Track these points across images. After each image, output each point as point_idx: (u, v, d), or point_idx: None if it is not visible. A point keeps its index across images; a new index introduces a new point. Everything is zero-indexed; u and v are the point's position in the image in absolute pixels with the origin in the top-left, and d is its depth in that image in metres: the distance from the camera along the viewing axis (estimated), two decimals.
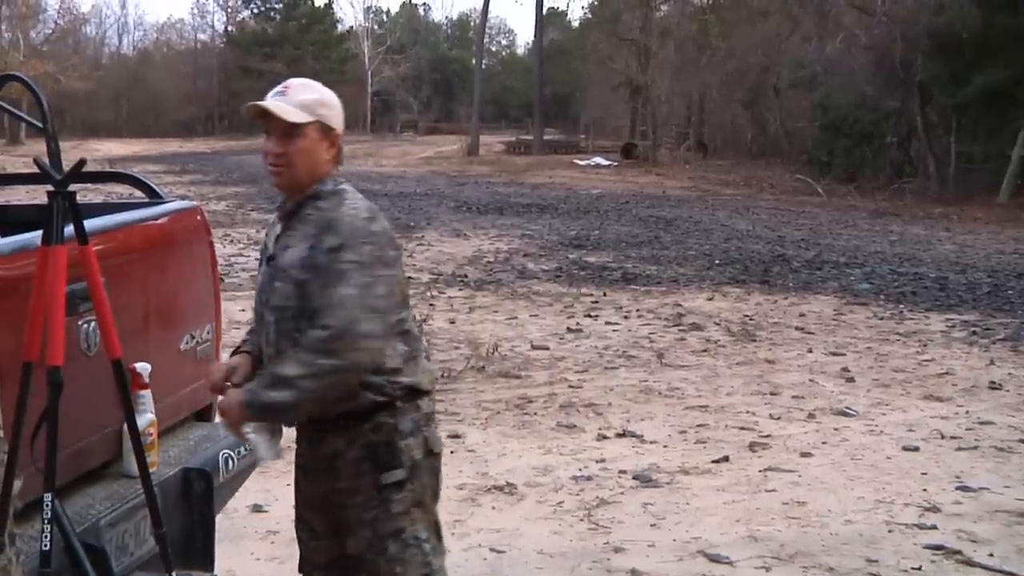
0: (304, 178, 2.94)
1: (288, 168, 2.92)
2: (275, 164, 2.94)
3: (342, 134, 3.02)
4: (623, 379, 8.43)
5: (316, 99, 2.96)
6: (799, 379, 8.57)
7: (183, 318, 3.97)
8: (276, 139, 2.93)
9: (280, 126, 2.91)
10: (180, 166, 36.95)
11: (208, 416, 4.23)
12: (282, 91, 2.97)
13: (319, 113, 2.94)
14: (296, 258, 2.88)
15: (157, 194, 4.40)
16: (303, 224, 2.92)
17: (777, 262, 15.28)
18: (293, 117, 2.89)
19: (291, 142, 2.91)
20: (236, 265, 13.90)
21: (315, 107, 2.94)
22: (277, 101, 2.93)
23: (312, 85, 3.01)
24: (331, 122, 2.97)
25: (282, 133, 2.91)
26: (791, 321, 11.02)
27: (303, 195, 2.96)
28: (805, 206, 26.05)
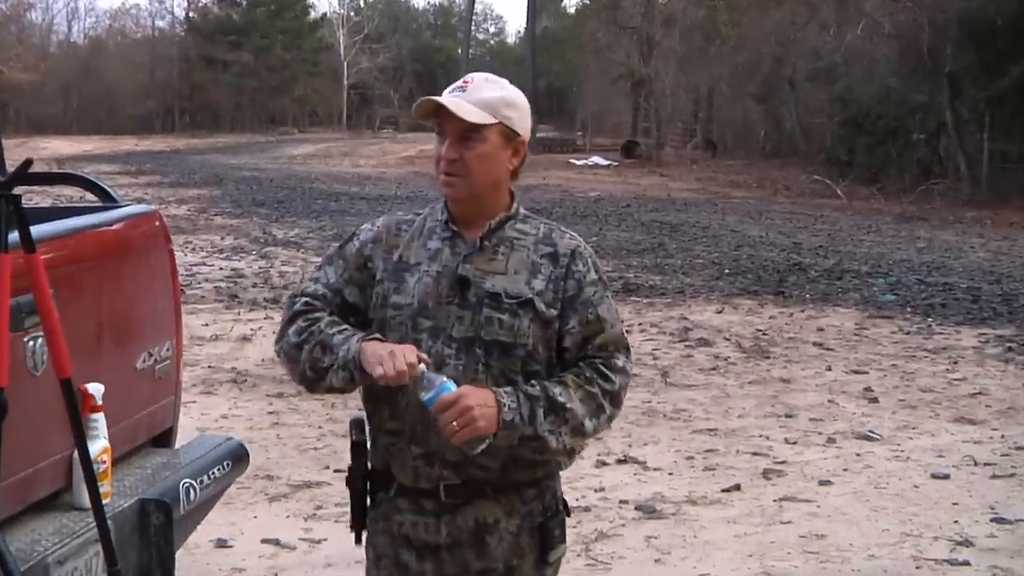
0: (484, 189, 2.74)
1: (464, 177, 2.71)
2: (449, 172, 2.72)
3: (527, 142, 2.82)
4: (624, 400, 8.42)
5: (501, 98, 2.74)
6: (817, 400, 8.58)
7: (140, 334, 3.96)
8: (451, 142, 2.71)
9: (457, 127, 2.69)
10: (136, 166, 36.91)
11: (168, 441, 4.22)
12: (462, 86, 2.75)
13: (504, 114, 2.73)
14: (526, 289, 2.70)
15: (111, 197, 4.40)
16: (512, 249, 2.74)
17: (793, 271, 15.30)
18: (472, 117, 2.68)
19: (468, 146, 2.70)
20: (199, 275, 13.88)
21: (499, 107, 2.72)
22: (455, 98, 2.71)
23: (497, 82, 2.79)
24: (516, 126, 2.76)
25: (459, 135, 2.70)
26: (808, 336, 11.04)
27: (493, 212, 2.77)
28: (823, 210, 26.10)
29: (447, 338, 2.68)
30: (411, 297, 2.73)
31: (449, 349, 2.68)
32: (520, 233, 2.77)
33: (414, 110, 2.72)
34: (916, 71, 30.82)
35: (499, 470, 2.68)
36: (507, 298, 2.68)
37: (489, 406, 2.55)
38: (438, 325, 2.69)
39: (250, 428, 7.47)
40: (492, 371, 2.66)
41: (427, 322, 2.70)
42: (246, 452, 4.30)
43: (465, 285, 2.70)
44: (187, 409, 6.87)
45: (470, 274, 2.70)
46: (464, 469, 2.68)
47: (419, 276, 2.74)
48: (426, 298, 2.71)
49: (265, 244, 17.34)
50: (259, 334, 10.46)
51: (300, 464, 6.80)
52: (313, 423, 7.64)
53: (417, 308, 2.71)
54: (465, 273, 2.71)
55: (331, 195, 26.89)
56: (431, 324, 2.70)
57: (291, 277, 13.71)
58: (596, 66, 52.17)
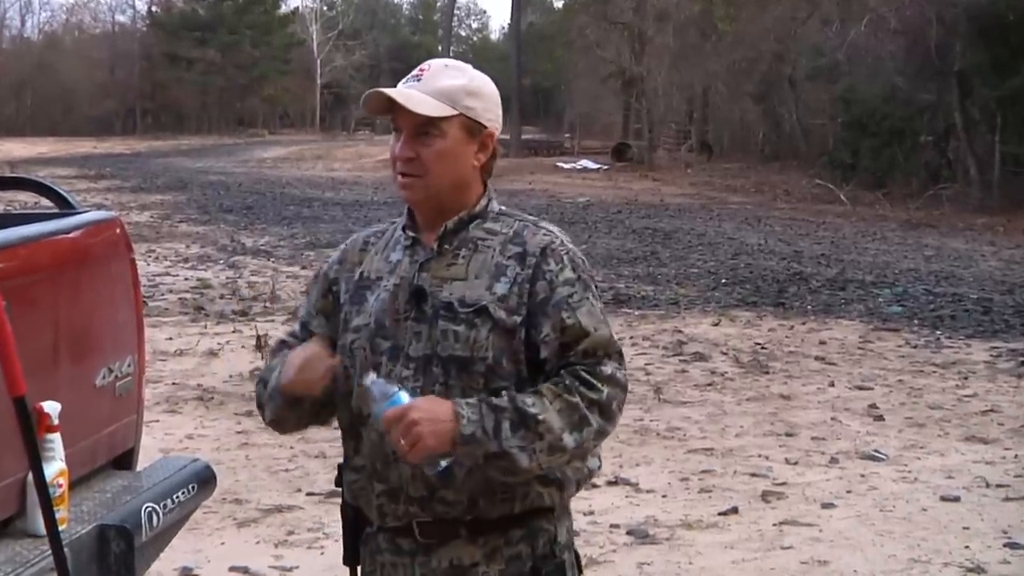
0: (445, 190, 2.59)
1: (422, 177, 2.57)
2: (405, 172, 2.58)
3: (497, 134, 2.66)
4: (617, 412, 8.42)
5: (461, 86, 2.59)
6: (819, 417, 8.60)
7: (99, 349, 3.95)
8: (406, 138, 2.58)
9: (411, 121, 2.56)
10: (95, 170, 36.83)
11: (129, 463, 4.21)
12: (417, 75, 2.61)
13: (465, 105, 2.58)
14: (486, 295, 2.54)
15: (68, 203, 4.39)
16: (475, 251, 2.59)
17: (793, 281, 15.33)
18: (425, 108, 2.54)
19: (425, 142, 2.56)
20: (162, 286, 13.86)
21: (459, 97, 2.58)
22: (408, 88, 2.58)
23: (459, 68, 2.64)
24: (481, 117, 2.61)
25: (414, 131, 2.57)
26: (810, 350, 11.06)
27: (457, 214, 2.62)
28: (826, 216, 26.17)
29: (405, 358, 2.56)
30: (368, 316, 2.63)
31: (407, 370, 2.55)
32: (487, 233, 2.62)
33: (362, 103, 2.61)
34: (924, 69, 30.92)
35: (467, 504, 2.53)
36: (461, 307, 2.53)
37: (443, 420, 2.41)
38: (397, 344, 2.58)
39: (217, 449, 7.45)
40: (452, 391, 2.50)
41: (385, 343, 2.59)
42: (213, 474, 4.29)
43: (422, 297, 2.57)
44: (150, 429, 6.85)
45: (427, 284, 2.57)
46: (430, 505, 2.55)
47: (378, 292, 2.64)
48: (383, 315, 2.61)
49: (233, 253, 17.32)
50: (227, 348, 10.44)
51: (270, 487, 6.78)
52: (284, 443, 7.62)
53: (374, 328, 2.61)
54: (422, 283, 2.58)
55: (303, 201, 26.87)
56: (390, 344, 2.58)
57: (260, 288, 13.70)
58: (585, 64, 52.22)
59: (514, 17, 53.54)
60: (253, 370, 9.56)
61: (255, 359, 9.87)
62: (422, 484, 2.52)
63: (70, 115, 67.10)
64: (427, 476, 2.50)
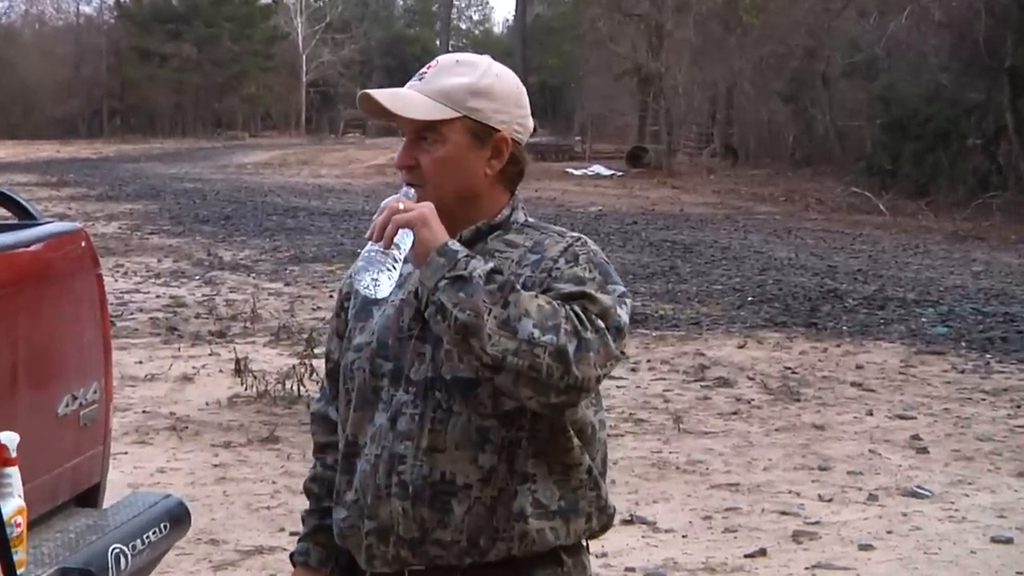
0: (450, 201, 2.55)
1: (426, 187, 2.55)
2: (408, 182, 2.57)
3: (515, 136, 2.62)
4: (630, 450, 8.43)
5: (466, 85, 2.56)
6: (856, 450, 8.59)
7: (62, 373, 3.95)
8: (406, 144, 2.58)
9: (410, 126, 2.56)
10: (58, 176, 36.89)
11: (94, 499, 4.21)
12: (423, 73, 2.60)
13: (469, 106, 2.55)
14: None
15: (28, 213, 4.40)
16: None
17: (827, 299, 15.33)
18: (416, 112, 2.54)
19: (425, 148, 2.56)
20: (131, 304, 13.87)
21: (461, 97, 2.55)
22: (409, 88, 2.59)
23: (471, 64, 2.61)
24: (491, 120, 2.57)
25: (414, 136, 2.57)
26: (845, 375, 11.05)
27: (474, 225, 2.60)
28: (863, 227, 26.17)
29: (406, 382, 2.55)
30: (371, 335, 2.62)
31: (406, 395, 2.54)
32: (506, 245, 2.60)
33: (357, 104, 2.60)
34: (971, 66, 30.93)
35: (465, 546, 2.51)
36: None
37: (440, 226, 2.43)
38: (399, 366, 2.56)
39: (192, 484, 7.45)
40: (457, 418, 2.49)
41: (387, 364, 2.58)
42: (187, 512, 4.29)
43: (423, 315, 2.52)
44: (117, 462, 6.85)
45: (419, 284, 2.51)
46: (423, 548, 2.53)
47: (384, 308, 2.62)
48: (386, 334, 2.59)
49: (210, 268, 17.33)
50: (202, 373, 10.44)
51: (250, 526, 6.78)
52: (266, 477, 7.62)
53: (376, 347, 2.60)
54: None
55: (287, 210, 26.89)
56: (392, 366, 2.57)
57: (240, 306, 13.70)
58: (597, 60, 52.27)
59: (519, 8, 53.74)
60: (231, 397, 9.57)
61: (233, 384, 9.87)
62: (414, 524, 2.52)
63: (30, 116, 67.18)
64: (420, 514, 2.50)
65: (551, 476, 2.55)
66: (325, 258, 18.39)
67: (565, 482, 2.56)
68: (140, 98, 71.53)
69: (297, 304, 14.21)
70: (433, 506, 2.51)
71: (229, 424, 8.86)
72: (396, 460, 2.54)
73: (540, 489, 2.53)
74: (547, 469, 2.54)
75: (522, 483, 2.52)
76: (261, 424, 8.83)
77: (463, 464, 2.51)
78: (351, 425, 2.63)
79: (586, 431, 2.59)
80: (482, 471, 2.51)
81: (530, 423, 2.51)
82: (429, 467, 2.51)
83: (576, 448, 2.57)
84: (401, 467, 2.53)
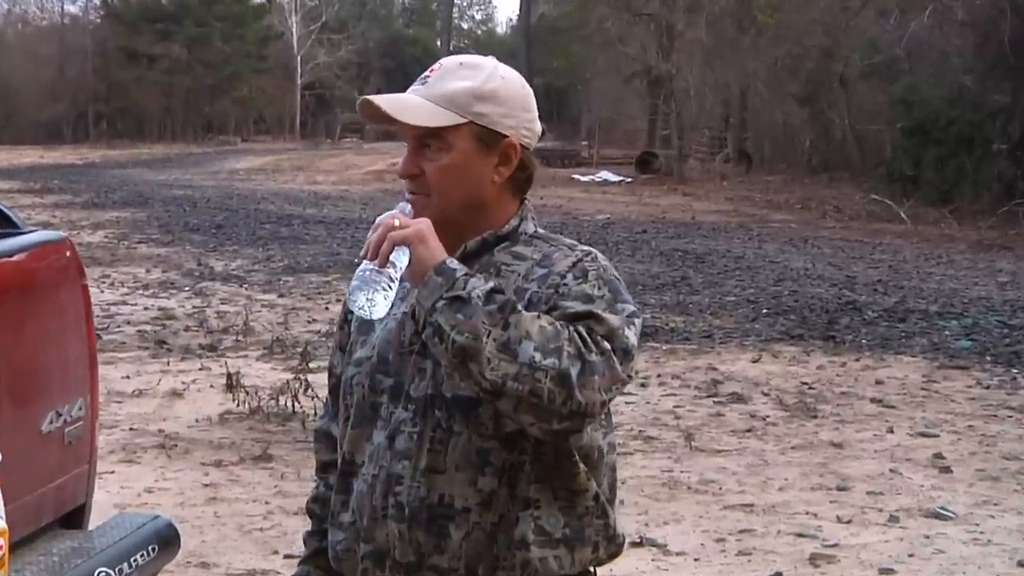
0: (456, 211, 2.56)
1: (431, 196, 2.55)
2: (412, 191, 2.57)
3: (523, 142, 2.62)
4: (640, 469, 8.42)
5: (469, 89, 2.56)
6: (876, 469, 8.58)
7: (46, 389, 3.96)
8: (409, 151, 2.58)
9: (411, 133, 2.55)
10: (41, 183, 36.92)
11: (79, 521, 4.21)
12: (425, 76, 2.59)
13: (475, 111, 2.54)
14: None
15: (11, 221, 4.40)
16: (496, 278, 2.52)
17: (846, 311, 15.32)
18: (418, 119, 2.53)
19: (428, 156, 2.55)
20: (118, 317, 13.87)
21: (466, 102, 2.54)
22: (412, 93, 2.58)
23: (475, 67, 2.61)
24: (498, 125, 2.57)
25: (417, 143, 2.56)
26: (865, 391, 11.04)
27: (480, 236, 2.59)
28: (883, 236, 26.17)
29: (406, 398, 2.54)
30: (372, 349, 2.62)
31: (406, 412, 2.54)
32: (513, 258, 2.59)
33: (357, 110, 2.59)
34: (996, 67, 30.93)
35: (462, 574, 2.51)
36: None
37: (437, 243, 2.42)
38: (399, 382, 2.56)
39: (181, 504, 7.45)
40: (457, 438, 2.49)
41: (387, 380, 2.58)
42: (176, 534, 4.29)
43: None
44: (103, 481, 6.85)
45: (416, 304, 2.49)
46: (419, 575, 2.53)
47: (386, 321, 2.60)
48: (387, 348, 2.59)
49: (200, 278, 17.34)
50: (192, 388, 10.44)
51: (242, 548, 6.78)
52: (259, 497, 7.62)
53: (376, 362, 2.60)
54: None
55: (281, 218, 26.91)
56: (392, 382, 2.57)
57: (232, 319, 13.71)
58: (605, 61, 52.35)
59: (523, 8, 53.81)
60: (223, 413, 9.57)
61: (225, 400, 9.87)
62: (411, 548, 2.52)
63: (12, 120, 67.26)
64: (417, 538, 2.50)
65: (555, 502, 2.53)
66: (321, 268, 18.39)
67: (570, 509, 2.55)
68: (127, 101, 71.67)
69: (291, 316, 14.21)
70: (430, 530, 2.51)
71: (220, 442, 8.86)
72: (393, 480, 2.53)
73: (544, 516, 2.52)
74: (551, 495, 2.53)
75: (524, 509, 2.51)
76: (254, 442, 8.82)
77: (462, 487, 2.50)
78: (348, 443, 2.63)
79: (593, 455, 2.58)
80: (482, 495, 2.50)
81: (533, 446, 2.49)
82: (427, 489, 2.50)
83: (582, 473, 2.55)
84: (398, 488, 2.53)
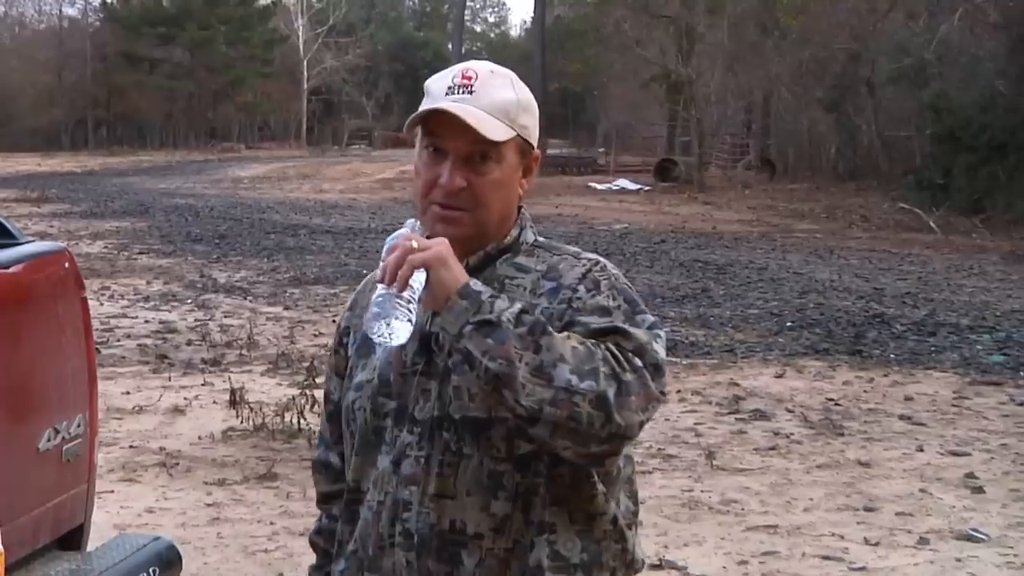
0: (493, 225, 2.56)
1: (473, 211, 2.51)
2: (450, 205, 2.51)
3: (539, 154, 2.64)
4: (659, 488, 8.41)
5: (516, 101, 2.55)
6: (905, 489, 8.56)
7: (43, 405, 3.96)
8: (457, 165, 2.50)
9: (466, 145, 2.50)
10: (39, 192, 36.98)
11: (78, 542, 4.21)
12: (465, 84, 2.52)
13: (520, 124, 2.55)
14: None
15: (7, 232, 4.41)
16: (501, 292, 2.47)
17: (873, 325, 15.30)
18: (497, 133, 2.50)
19: (480, 170, 2.50)
20: (118, 330, 13.89)
21: (516, 114, 2.54)
22: (461, 103, 2.50)
23: (504, 76, 2.58)
24: (532, 137, 2.59)
25: (467, 156, 2.50)
26: (893, 407, 11.02)
27: (484, 250, 2.57)
28: (912, 246, 26.14)
29: (410, 421, 2.51)
30: (373, 371, 2.59)
31: (411, 436, 2.50)
32: (517, 270, 2.56)
33: (408, 126, 2.53)
34: None
35: None
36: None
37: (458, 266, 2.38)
38: (403, 404, 2.53)
39: (183, 525, 7.45)
40: (467, 461, 2.46)
41: (390, 403, 2.55)
42: (178, 556, 4.29)
43: (433, 347, 2.51)
44: (103, 501, 6.85)
45: (440, 330, 2.46)
46: None
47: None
48: (388, 370, 2.56)
49: (203, 290, 17.36)
50: (195, 405, 10.45)
51: (246, 571, 6.78)
52: (263, 518, 7.62)
53: (378, 385, 2.57)
54: (435, 330, 2.49)
55: (287, 228, 26.95)
56: (395, 405, 2.54)
57: (235, 332, 13.72)
58: (622, 65, 52.40)
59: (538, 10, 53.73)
60: (226, 430, 9.57)
61: (228, 417, 9.88)
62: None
63: (9, 127, 67.51)
64: (427, 567, 2.48)
65: (572, 526, 2.51)
66: (328, 280, 18.41)
67: (588, 533, 2.52)
68: (128, 107, 71.84)
69: (297, 330, 14.22)
70: (441, 557, 2.48)
71: (224, 460, 8.86)
72: (400, 507, 2.51)
73: (560, 540, 2.50)
74: (568, 518, 2.50)
75: (539, 533, 2.48)
76: (258, 460, 8.82)
77: (474, 512, 2.47)
78: (353, 470, 2.61)
79: (612, 471, 2.56)
80: (495, 520, 2.47)
81: (548, 468, 2.46)
82: (437, 515, 2.48)
83: (600, 495, 2.53)
84: (406, 514, 2.50)
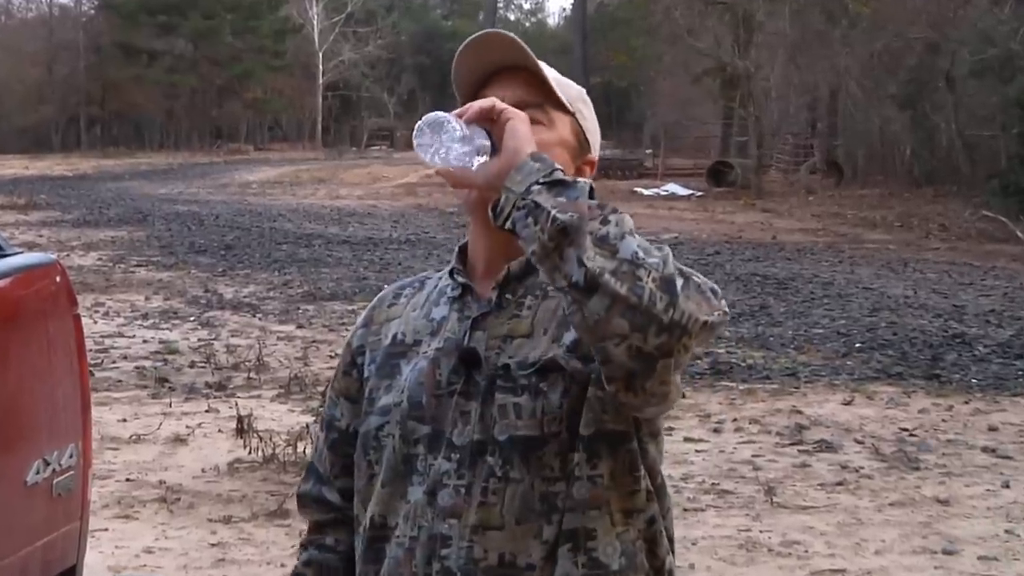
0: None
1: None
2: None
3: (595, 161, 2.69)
4: (713, 528, 8.40)
5: (570, 84, 2.65)
6: (989, 530, 8.53)
7: (31, 434, 3.98)
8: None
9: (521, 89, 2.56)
10: (26, 197, 37.15)
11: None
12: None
13: (578, 108, 2.63)
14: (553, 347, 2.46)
15: None
16: (543, 298, 2.51)
17: (953, 346, 15.26)
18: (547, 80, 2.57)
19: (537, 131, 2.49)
20: (114, 351, 13.94)
21: (575, 94, 2.64)
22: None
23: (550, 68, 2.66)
24: (589, 132, 2.66)
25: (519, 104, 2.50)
26: (976, 438, 10.98)
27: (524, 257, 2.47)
28: (996, 259, 26.07)
29: (447, 447, 2.48)
30: (401, 393, 2.55)
31: (448, 463, 2.47)
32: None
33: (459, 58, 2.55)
34: None
35: None
36: (521, 369, 2.43)
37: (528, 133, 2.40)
38: (438, 429, 2.49)
39: (185, 567, 7.48)
40: (516, 486, 2.42)
41: (423, 428, 2.51)
42: None
43: (474, 363, 2.48)
44: (97, 540, 6.89)
45: (481, 346, 2.47)
46: None
47: (415, 361, 2.57)
48: (419, 391, 2.53)
49: (207, 307, 17.41)
50: (198, 433, 10.48)
51: None
52: (273, 559, 7.64)
53: (407, 408, 2.54)
54: (475, 345, 2.49)
55: (300, 238, 27.02)
56: (428, 430, 2.51)
57: (243, 353, 13.75)
58: (672, 58, 52.40)
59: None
60: (232, 462, 9.59)
61: (235, 447, 9.90)
62: None
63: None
64: None
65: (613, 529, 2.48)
66: (345, 295, 18.44)
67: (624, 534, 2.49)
68: (124, 104, 71.99)
69: (311, 351, 14.24)
70: None
71: (230, 495, 8.88)
72: (438, 542, 2.47)
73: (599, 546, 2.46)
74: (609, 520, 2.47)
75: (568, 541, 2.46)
76: (268, 495, 8.84)
77: (525, 541, 2.43)
78: (378, 504, 2.57)
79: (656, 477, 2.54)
80: (547, 547, 2.44)
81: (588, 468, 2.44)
82: (483, 549, 2.44)
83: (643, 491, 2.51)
84: (445, 551, 2.46)
